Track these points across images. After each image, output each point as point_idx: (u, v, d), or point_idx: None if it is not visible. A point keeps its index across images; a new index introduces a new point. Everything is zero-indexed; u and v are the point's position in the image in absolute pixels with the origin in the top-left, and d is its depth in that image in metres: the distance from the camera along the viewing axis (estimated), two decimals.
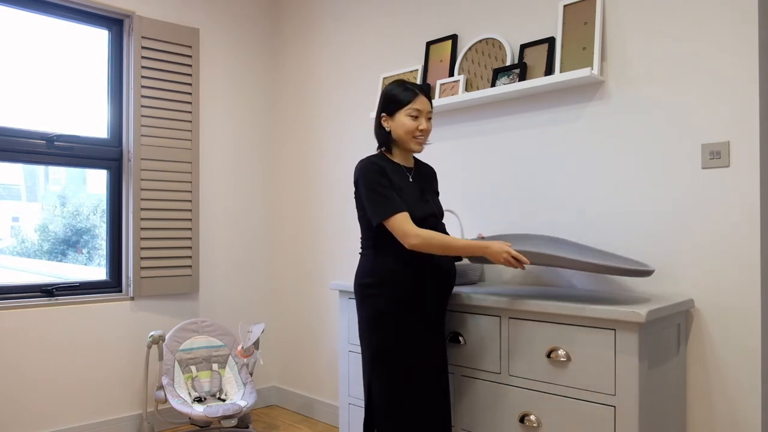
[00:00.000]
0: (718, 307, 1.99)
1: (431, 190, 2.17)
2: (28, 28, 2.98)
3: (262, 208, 3.72)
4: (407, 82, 2.06)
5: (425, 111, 2.02)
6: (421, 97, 2.02)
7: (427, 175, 2.18)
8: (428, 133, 2.05)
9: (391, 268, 1.98)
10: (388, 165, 2.03)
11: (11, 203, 3.14)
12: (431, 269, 1.99)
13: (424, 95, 2.03)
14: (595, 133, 2.28)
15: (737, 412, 1.94)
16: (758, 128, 1.90)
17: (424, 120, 2.01)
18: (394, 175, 2.01)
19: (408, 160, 2.11)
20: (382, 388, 1.98)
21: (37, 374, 2.87)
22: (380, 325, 1.98)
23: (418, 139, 2.02)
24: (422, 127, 2.01)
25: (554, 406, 1.90)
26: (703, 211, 2.02)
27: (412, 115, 2.00)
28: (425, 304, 2.00)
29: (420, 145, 2.04)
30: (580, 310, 1.82)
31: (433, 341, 2.03)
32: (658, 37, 2.12)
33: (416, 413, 1.97)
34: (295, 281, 3.60)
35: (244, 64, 3.63)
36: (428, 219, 2.01)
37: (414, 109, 2.00)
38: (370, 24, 3.17)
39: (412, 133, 2.01)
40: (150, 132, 3.17)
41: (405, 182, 2.03)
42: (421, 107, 2.01)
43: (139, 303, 3.19)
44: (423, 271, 1.98)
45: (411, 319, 1.98)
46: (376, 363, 1.99)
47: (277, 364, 3.73)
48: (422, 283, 1.98)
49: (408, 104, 2.00)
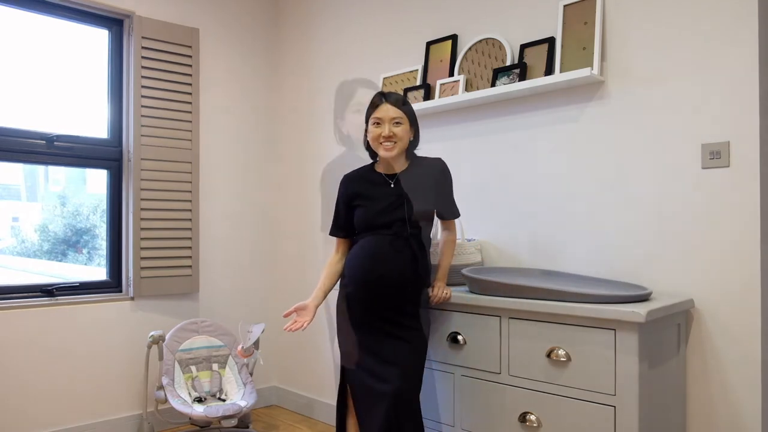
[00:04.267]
0: (718, 307, 1.99)
1: (425, 188, 2.15)
2: (28, 28, 2.98)
3: (262, 207, 3.72)
4: (381, 92, 2.17)
5: (388, 118, 2.09)
6: (384, 105, 2.11)
7: (424, 174, 2.18)
8: (398, 138, 2.10)
9: (348, 265, 2.19)
10: (365, 175, 2.21)
11: (11, 203, 3.14)
12: (364, 274, 2.10)
13: (391, 103, 2.11)
14: (595, 133, 2.28)
15: (737, 412, 1.94)
16: (758, 128, 1.90)
17: (387, 126, 2.09)
18: (367, 183, 2.18)
19: (391, 167, 2.18)
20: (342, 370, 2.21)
21: (37, 374, 2.87)
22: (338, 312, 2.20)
23: (383, 145, 2.10)
24: (384, 134, 2.09)
25: (554, 406, 1.90)
26: (703, 211, 2.02)
27: (376, 123, 2.11)
28: (367, 305, 2.11)
29: (388, 151, 2.10)
30: (580, 310, 1.82)
31: (377, 341, 2.09)
32: (658, 37, 2.12)
33: (360, 402, 2.12)
34: (295, 281, 3.60)
35: (244, 64, 3.63)
36: (394, 224, 2.10)
37: (376, 118, 2.11)
38: (370, 24, 3.17)
39: (376, 140, 2.12)
40: (150, 132, 3.17)
41: (380, 190, 2.15)
42: (383, 115, 2.09)
43: (139, 303, 3.19)
44: (357, 273, 2.12)
45: (355, 313, 2.13)
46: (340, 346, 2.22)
47: (277, 364, 3.73)
48: (359, 286, 2.12)
49: (372, 113, 2.13)
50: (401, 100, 2.13)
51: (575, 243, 2.32)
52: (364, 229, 2.14)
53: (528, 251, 2.46)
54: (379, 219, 2.10)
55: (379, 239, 2.10)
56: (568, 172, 2.35)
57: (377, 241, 2.10)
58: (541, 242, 2.42)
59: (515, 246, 2.50)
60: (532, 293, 1.96)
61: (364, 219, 2.13)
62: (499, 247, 2.55)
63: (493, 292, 2.06)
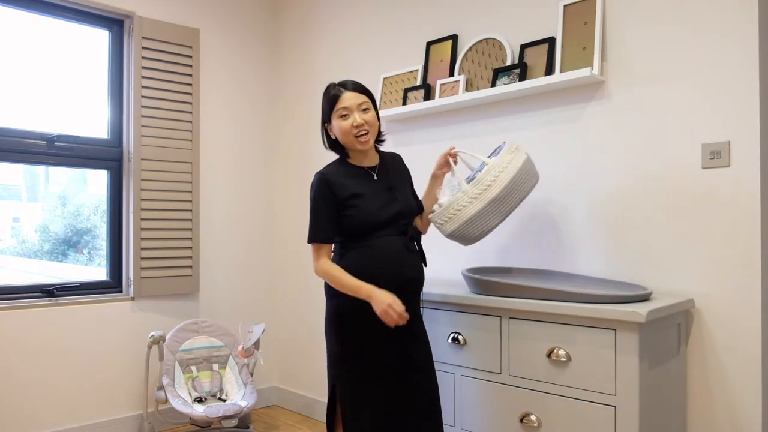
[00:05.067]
0: (718, 307, 1.99)
1: (402, 181, 2.08)
2: (28, 28, 2.98)
3: (262, 208, 3.72)
4: (334, 83, 2.00)
5: (355, 105, 1.93)
6: (346, 93, 1.94)
7: (395, 166, 2.11)
8: (370, 125, 1.95)
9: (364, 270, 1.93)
10: (346, 170, 1.99)
11: (12, 203, 3.14)
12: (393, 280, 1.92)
13: (352, 90, 1.95)
14: (595, 133, 2.28)
15: (737, 411, 1.94)
16: (758, 128, 1.90)
17: (356, 114, 1.93)
18: (353, 179, 1.97)
19: (369, 159, 2.04)
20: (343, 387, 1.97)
21: (38, 374, 2.87)
22: (338, 327, 1.97)
23: (359, 137, 1.94)
24: (356, 123, 1.92)
25: (554, 406, 1.90)
26: (703, 211, 2.01)
27: (343, 115, 1.94)
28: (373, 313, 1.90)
29: (365, 143, 1.95)
30: (580, 310, 1.82)
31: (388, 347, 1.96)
32: (658, 37, 2.12)
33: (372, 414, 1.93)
34: (296, 281, 3.61)
35: (244, 64, 3.63)
36: (396, 220, 1.97)
37: (342, 108, 1.94)
38: (370, 24, 3.17)
39: (349, 133, 1.94)
40: (150, 132, 3.17)
41: (368, 184, 1.98)
42: (349, 103, 1.93)
43: (139, 303, 3.19)
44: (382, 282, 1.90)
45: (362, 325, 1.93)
46: (337, 363, 1.99)
47: (278, 364, 3.73)
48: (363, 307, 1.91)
49: (335, 106, 1.95)
50: (359, 85, 1.99)
51: (575, 243, 2.32)
52: (363, 230, 1.93)
53: (528, 251, 2.46)
54: (381, 216, 1.94)
55: (392, 240, 1.95)
56: (568, 172, 2.35)
57: (390, 242, 1.94)
58: (541, 242, 2.42)
59: (515, 246, 2.50)
60: (533, 293, 1.96)
61: (363, 219, 1.92)
62: (499, 247, 2.55)
63: (494, 292, 2.06)
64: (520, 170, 1.99)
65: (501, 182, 1.97)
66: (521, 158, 2.02)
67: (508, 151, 2.03)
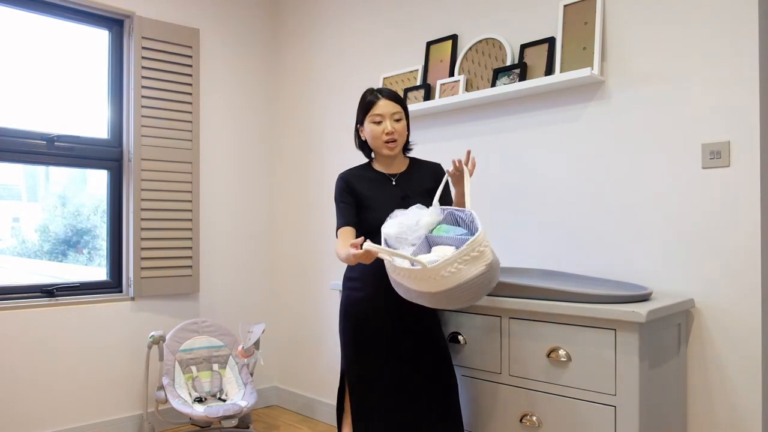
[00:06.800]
0: (718, 307, 1.99)
1: (422, 190, 2.14)
2: (28, 28, 2.98)
3: (262, 208, 3.72)
4: (372, 89, 2.12)
5: (389, 113, 2.05)
6: (383, 101, 2.06)
7: (422, 176, 2.17)
8: (399, 134, 2.07)
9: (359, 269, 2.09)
10: (365, 174, 2.14)
11: (11, 203, 3.14)
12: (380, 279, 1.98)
13: (387, 98, 2.07)
14: (595, 133, 2.28)
15: (737, 411, 1.94)
16: (758, 128, 1.90)
17: (388, 122, 2.05)
18: (370, 183, 2.11)
19: (392, 166, 2.15)
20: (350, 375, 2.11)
21: (38, 374, 2.87)
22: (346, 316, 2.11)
23: (387, 143, 2.06)
24: (387, 130, 2.04)
25: (554, 406, 1.90)
26: (703, 211, 2.02)
27: (376, 121, 2.06)
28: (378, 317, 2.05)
29: (392, 149, 2.07)
30: (580, 310, 1.82)
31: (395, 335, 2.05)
32: (658, 37, 2.12)
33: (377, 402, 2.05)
34: (296, 281, 3.61)
35: (244, 64, 3.63)
36: None
37: (376, 115, 2.06)
38: (370, 24, 3.17)
39: (379, 138, 2.06)
40: (150, 132, 3.17)
41: (383, 189, 2.10)
42: (383, 111, 2.05)
43: (139, 303, 3.19)
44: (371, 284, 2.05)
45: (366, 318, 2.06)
46: (344, 349, 2.14)
47: (278, 364, 3.73)
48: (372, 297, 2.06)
49: (370, 111, 2.07)
50: (395, 94, 2.10)
51: (575, 243, 2.32)
52: (371, 232, 2.04)
53: (528, 251, 2.46)
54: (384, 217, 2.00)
55: None
56: (567, 172, 2.35)
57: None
58: (542, 242, 2.42)
59: (515, 246, 2.50)
60: (533, 293, 1.96)
61: (371, 223, 2.05)
62: (499, 246, 2.55)
63: (494, 292, 2.06)
64: (469, 281, 1.65)
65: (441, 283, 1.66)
66: (478, 269, 1.65)
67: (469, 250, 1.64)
